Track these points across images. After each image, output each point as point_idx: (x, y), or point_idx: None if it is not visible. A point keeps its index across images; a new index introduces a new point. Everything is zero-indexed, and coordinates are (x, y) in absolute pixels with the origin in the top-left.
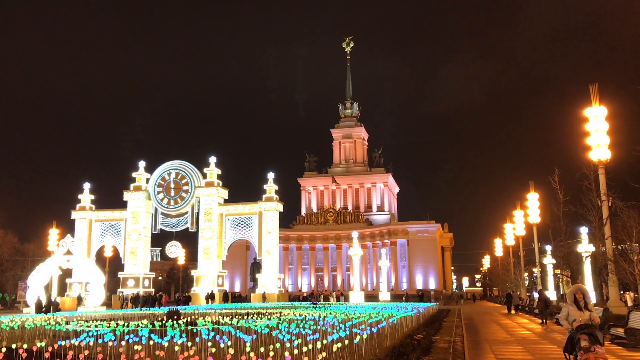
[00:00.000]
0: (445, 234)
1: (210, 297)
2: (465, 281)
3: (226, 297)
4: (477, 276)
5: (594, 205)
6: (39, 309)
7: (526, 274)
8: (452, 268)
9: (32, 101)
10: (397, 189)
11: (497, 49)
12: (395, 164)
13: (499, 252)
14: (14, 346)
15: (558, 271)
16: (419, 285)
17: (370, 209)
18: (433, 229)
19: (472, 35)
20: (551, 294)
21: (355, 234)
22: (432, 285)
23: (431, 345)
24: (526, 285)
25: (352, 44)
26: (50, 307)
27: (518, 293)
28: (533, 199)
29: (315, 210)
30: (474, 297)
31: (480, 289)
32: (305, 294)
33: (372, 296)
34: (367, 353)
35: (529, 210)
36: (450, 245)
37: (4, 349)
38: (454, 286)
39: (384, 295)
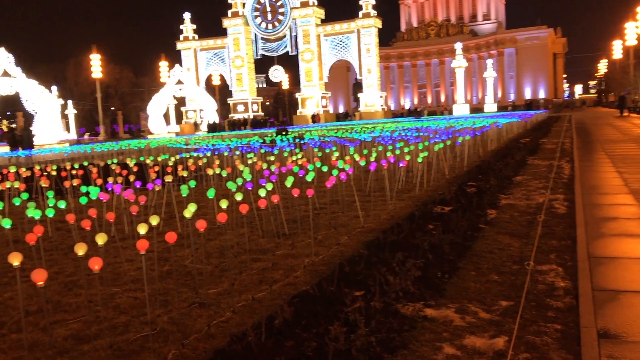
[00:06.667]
0: (558, 39)
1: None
2: (578, 89)
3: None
4: (592, 83)
5: None
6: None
7: None
8: (565, 75)
9: None
10: None
11: None
12: None
13: (617, 54)
14: (142, 159)
15: None
16: (528, 95)
17: (475, 18)
18: (544, 35)
19: None
20: None
21: (459, 45)
22: (541, 95)
23: (538, 147)
24: None
25: None
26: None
27: (637, 97)
28: None
29: (415, 25)
30: (582, 103)
31: (595, 95)
32: (407, 111)
33: (477, 109)
34: (471, 156)
35: None
36: (563, 51)
37: (134, 161)
38: (566, 94)
39: (490, 107)
